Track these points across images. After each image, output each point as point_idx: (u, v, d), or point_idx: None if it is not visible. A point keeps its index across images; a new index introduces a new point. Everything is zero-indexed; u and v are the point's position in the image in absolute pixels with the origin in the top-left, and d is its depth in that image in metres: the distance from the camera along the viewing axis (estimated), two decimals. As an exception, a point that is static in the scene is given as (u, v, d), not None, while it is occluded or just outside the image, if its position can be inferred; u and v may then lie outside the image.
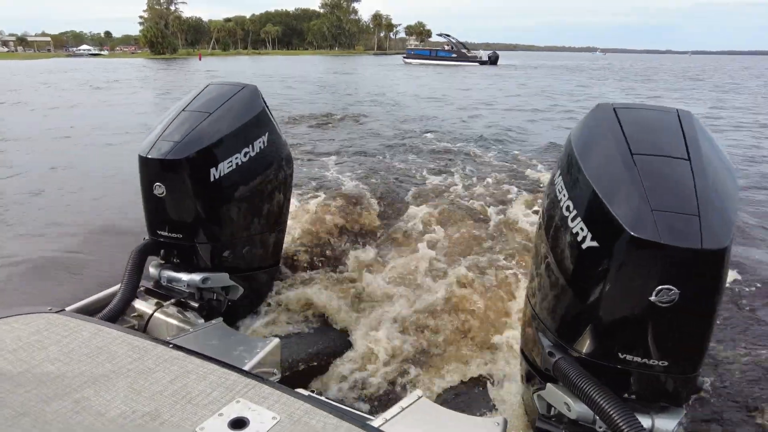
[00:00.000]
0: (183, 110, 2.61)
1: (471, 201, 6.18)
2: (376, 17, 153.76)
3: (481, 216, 5.65)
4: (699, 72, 52.56)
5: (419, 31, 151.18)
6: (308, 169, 7.93)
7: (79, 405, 1.32)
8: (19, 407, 1.30)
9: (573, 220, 1.61)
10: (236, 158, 2.59)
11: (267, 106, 2.87)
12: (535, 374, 1.93)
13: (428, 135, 11.61)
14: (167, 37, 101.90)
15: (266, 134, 2.78)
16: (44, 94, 22.16)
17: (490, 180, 7.35)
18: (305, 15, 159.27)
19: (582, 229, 1.56)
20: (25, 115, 15.48)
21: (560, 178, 1.78)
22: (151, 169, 2.46)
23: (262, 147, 2.75)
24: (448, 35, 72.66)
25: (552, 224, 1.78)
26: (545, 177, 7.94)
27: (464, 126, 13.41)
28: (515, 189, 6.79)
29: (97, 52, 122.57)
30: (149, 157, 2.42)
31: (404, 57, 75.69)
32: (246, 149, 2.64)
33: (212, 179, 2.50)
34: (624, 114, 1.75)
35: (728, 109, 18.30)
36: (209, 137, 2.48)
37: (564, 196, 1.69)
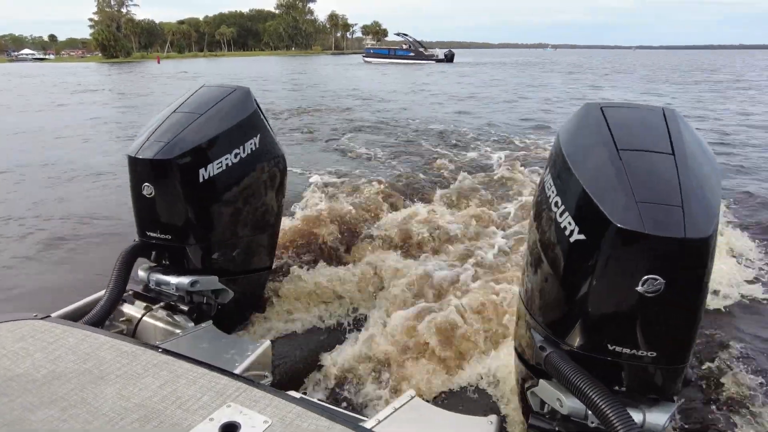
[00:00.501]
0: (174, 111, 2.62)
1: (459, 184, 6.56)
2: (333, 17, 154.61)
3: (469, 203, 5.79)
4: (629, 65, 57.91)
5: (375, 31, 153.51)
6: (300, 161, 8.38)
7: (66, 413, 1.31)
8: (5, 416, 1.28)
9: (561, 215, 1.64)
10: (226, 159, 2.58)
11: (260, 108, 2.88)
12: (528, 371, 1.95)
13: (411, 120, 13.16)
14: (120, 40, 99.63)
15: (258, 136, 2.78)
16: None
17: (476, 156, 8.46)
18: (260, 16, 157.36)
19: (570, 223, 1.59)
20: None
21: (549, 176, 1.81)
22: (139, 169, 2.47)
23: (254, 148, 2.75)
24: (406, 34, 75.35)
25: (541, 220, 1.82)
26: (518, 142, 9.77)
27: (438, 113, 15.41)
28: (503, 165, 7.64)
29: (42, 56, 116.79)
30: (138, 157, 2.43)
31: (364, 56, 77.11)
32: (236, 150, 2.64)
33: (201, 180, 2.50)
34: (610, 112, 1.79)
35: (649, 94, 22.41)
36: (198, 138, 2.48)
37: (553, 192, 1.73)
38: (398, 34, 78.76)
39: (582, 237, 1.55)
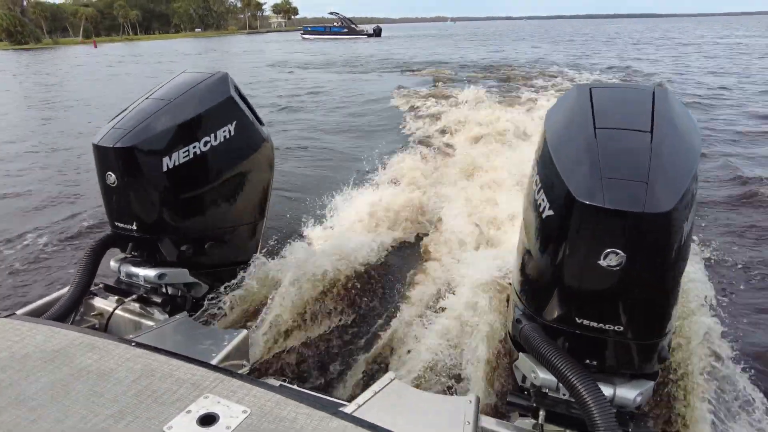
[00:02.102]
0: (146, 98, 2.55)
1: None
2: None
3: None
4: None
5: (286, 9, 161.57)
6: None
7: (35, 413, 1.27)
8: None
9: (538, 192, 1.69)
10: (194, 147, 2.49)
11: (239, 94, 2.76)
12: (513, 346, 1.99)
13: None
14: (26, 26, 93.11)
15: (233, 123, 2.66)
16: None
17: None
18: None
19: (543, 200, 1.64)
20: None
21: (534, 156, 1.85)
22: (102, 157, 2.39)
23: (228, 136, 2.64)
24: (337, 13, 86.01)
25: (527, 199, 1.87)
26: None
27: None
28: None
29: None
30: (100, 145, 2.35)
31: (302, 34, 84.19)
32: (206, 138, 2.54)
33: (165, 169, 2.41)
34: (598, 93, 1.82)
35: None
36: (162, 125, 2.40)
37: (534, 171, 1.79)
38: (331, 13, 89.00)
39: (551, 213, 1.60)
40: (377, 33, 78.49)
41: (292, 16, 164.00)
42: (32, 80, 25.48)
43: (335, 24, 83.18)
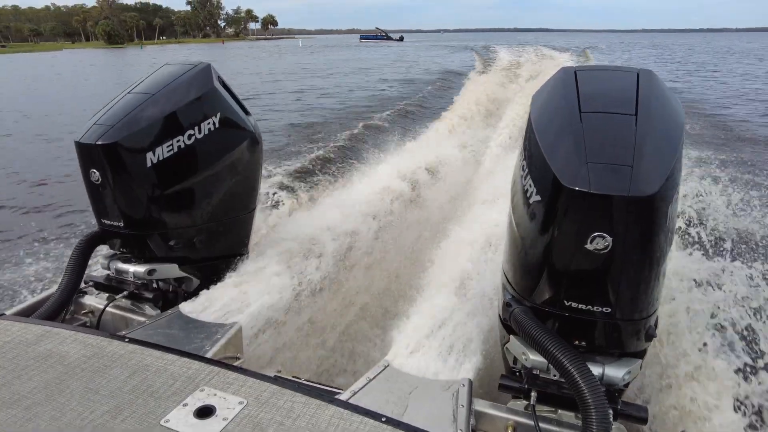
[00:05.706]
0: (128, 93, 2.52)
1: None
2: (249, 11, 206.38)
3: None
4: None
5: (271, 21, 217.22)
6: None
7: (31, 412, 1.27)
8: None
9: (525, 177, 1.71)
10: (178, 141, 2.46)
11: (224, 86, 2.73)
12: (504, 329, 2.01)
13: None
14: (118, 30, 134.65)
15: (217, 115, 2.62)
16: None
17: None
18: (146, 9, 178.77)
19: (530, 185, 1.66)
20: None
21: (521, 140, 1.86)
22: (85, 154, 2.37)
23: (213, 129, 2.60)
24: (379, 27, 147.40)
25: (514, 184, 1.88)
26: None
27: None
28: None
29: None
30: (82, 142, 2.33)
31: (360, 39, 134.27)
32: (191, 131, 2.50)
33: (149, 164, 2.38)
34: (583, 75, 1.83)
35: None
36: (145, 119, 2.37)
37: (521, 156, 1.80)
38: (377, 28, 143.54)
39: (538, 198, 1.61)
40: (401, 39, 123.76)
41: (273, 27, 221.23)
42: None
43: (379, 34, 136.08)
